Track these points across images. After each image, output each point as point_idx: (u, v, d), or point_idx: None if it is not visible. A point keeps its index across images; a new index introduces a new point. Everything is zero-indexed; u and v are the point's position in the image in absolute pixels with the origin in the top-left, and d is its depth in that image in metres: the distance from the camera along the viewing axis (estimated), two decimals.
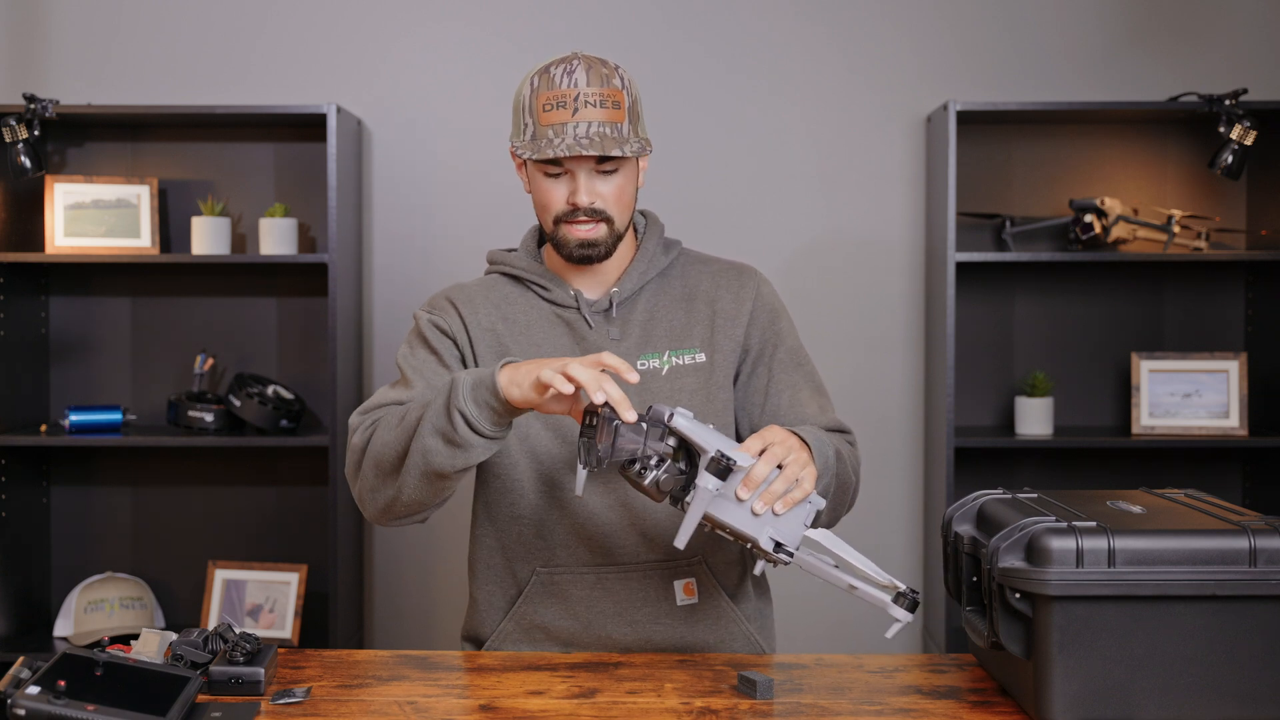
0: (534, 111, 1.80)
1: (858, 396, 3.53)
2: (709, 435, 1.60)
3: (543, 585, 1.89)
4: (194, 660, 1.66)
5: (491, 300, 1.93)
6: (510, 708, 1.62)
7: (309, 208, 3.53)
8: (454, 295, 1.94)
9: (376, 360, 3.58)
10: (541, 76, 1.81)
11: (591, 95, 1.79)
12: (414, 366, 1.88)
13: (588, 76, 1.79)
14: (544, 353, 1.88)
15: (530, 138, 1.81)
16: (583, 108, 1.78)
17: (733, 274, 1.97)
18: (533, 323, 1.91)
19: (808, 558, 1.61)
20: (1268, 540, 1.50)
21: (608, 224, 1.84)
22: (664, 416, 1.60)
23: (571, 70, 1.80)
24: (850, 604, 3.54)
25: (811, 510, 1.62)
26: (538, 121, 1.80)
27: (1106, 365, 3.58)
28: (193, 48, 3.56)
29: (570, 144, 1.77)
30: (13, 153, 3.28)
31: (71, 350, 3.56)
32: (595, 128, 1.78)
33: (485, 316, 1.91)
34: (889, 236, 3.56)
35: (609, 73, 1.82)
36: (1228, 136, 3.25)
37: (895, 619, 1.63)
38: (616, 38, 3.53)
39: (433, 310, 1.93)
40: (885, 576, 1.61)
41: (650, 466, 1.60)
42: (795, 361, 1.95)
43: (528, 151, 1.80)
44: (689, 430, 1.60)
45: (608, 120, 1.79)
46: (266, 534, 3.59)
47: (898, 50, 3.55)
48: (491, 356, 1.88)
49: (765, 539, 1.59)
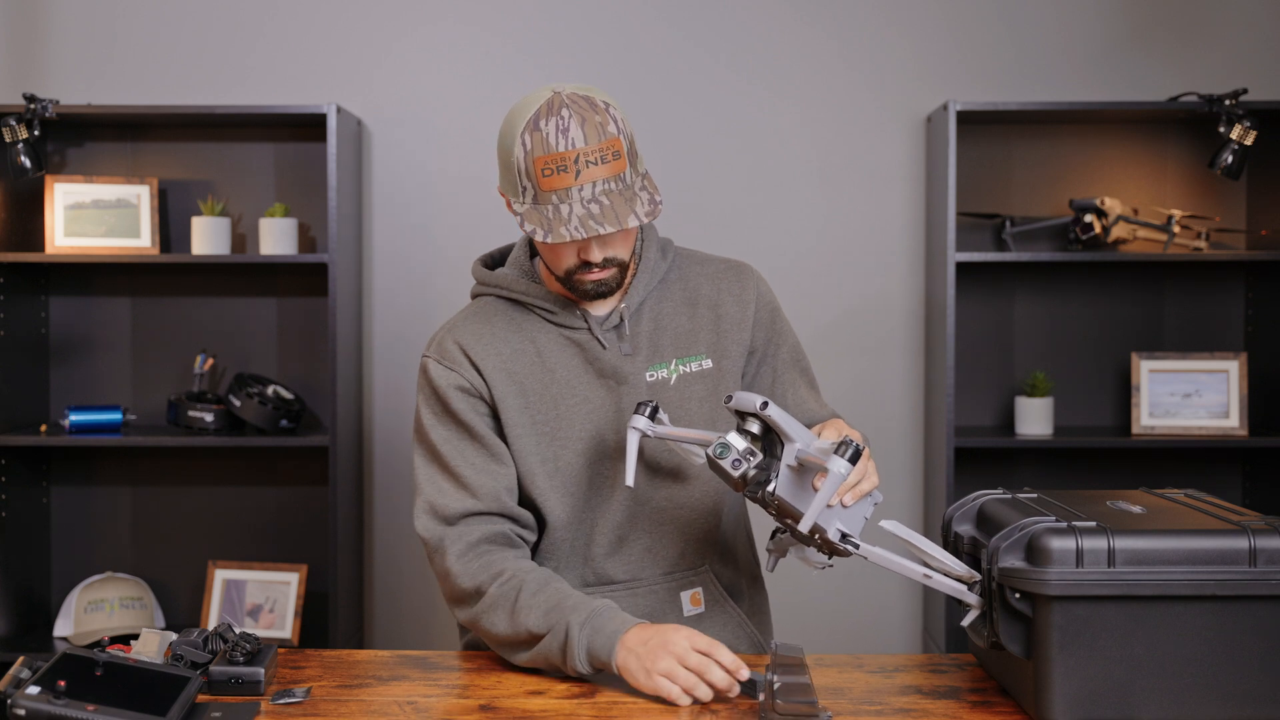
0: (532, 175, 1.72)
1: (858, 396, 3.53)
2: (797, 426, 1.64)
3: None
4: (194, 660, 1.66)
5: (497, 333, 1.88)
6: (510, 708, 1.62)
7: (309, 208, 3.53)
8: (460, 338, 1.87)
9: (376, 360, 3.58)
10: (533, 135, 1.71)
11: (591, 153, 1.71)
12: (451, 444, 1.85)
13: (584, 132, 1.70)
14: (558, 378, 1.85)
15: (533, 201, 1.73)
16: (585, 168, 1.71)
17: (731, 274, 1.96)
18: (544, 349, 1.87)
19: (875, 549, 1.62)
20: (1268, 540, 1.50)
21: (619, 266, 1.82)
22: (755, 405, 1.63)
23: (565, 126, 1.70)
24: (850, 604, 3.55)
25: (872, 504, 1.65)
26: (538, 186, 1.72)
27: (1106, 365, 3.58)
28: (193, 48, 3.56)
29: (581, 215, 1.70)
30: (13, 153, 3.28)
31: (71, 350, 3.56)
32: (600, 187, 1.72)
33: (496, 354, 1.86)
34: (889, 236, 3.56)
35: (602, 120, 1.72)
36: (1228, 136, 3.25)
37: (972, 606, 1.63)
38: (616, 38, 3.53)
39: (444, 360, 1.86)
40: (962, 566, 1.62)
41: (742, 456, 1.64)
42: (795, 359, 1.98)
43: (539, 230, 1.71)
44: (781, 421, 1.63)
45: (611, 175, 1.72)
46: (266, 534, 3.59)
47: (897, 50, 3.55)
48: (511, 395, 1.85)
49: (833, 530, 1.61)
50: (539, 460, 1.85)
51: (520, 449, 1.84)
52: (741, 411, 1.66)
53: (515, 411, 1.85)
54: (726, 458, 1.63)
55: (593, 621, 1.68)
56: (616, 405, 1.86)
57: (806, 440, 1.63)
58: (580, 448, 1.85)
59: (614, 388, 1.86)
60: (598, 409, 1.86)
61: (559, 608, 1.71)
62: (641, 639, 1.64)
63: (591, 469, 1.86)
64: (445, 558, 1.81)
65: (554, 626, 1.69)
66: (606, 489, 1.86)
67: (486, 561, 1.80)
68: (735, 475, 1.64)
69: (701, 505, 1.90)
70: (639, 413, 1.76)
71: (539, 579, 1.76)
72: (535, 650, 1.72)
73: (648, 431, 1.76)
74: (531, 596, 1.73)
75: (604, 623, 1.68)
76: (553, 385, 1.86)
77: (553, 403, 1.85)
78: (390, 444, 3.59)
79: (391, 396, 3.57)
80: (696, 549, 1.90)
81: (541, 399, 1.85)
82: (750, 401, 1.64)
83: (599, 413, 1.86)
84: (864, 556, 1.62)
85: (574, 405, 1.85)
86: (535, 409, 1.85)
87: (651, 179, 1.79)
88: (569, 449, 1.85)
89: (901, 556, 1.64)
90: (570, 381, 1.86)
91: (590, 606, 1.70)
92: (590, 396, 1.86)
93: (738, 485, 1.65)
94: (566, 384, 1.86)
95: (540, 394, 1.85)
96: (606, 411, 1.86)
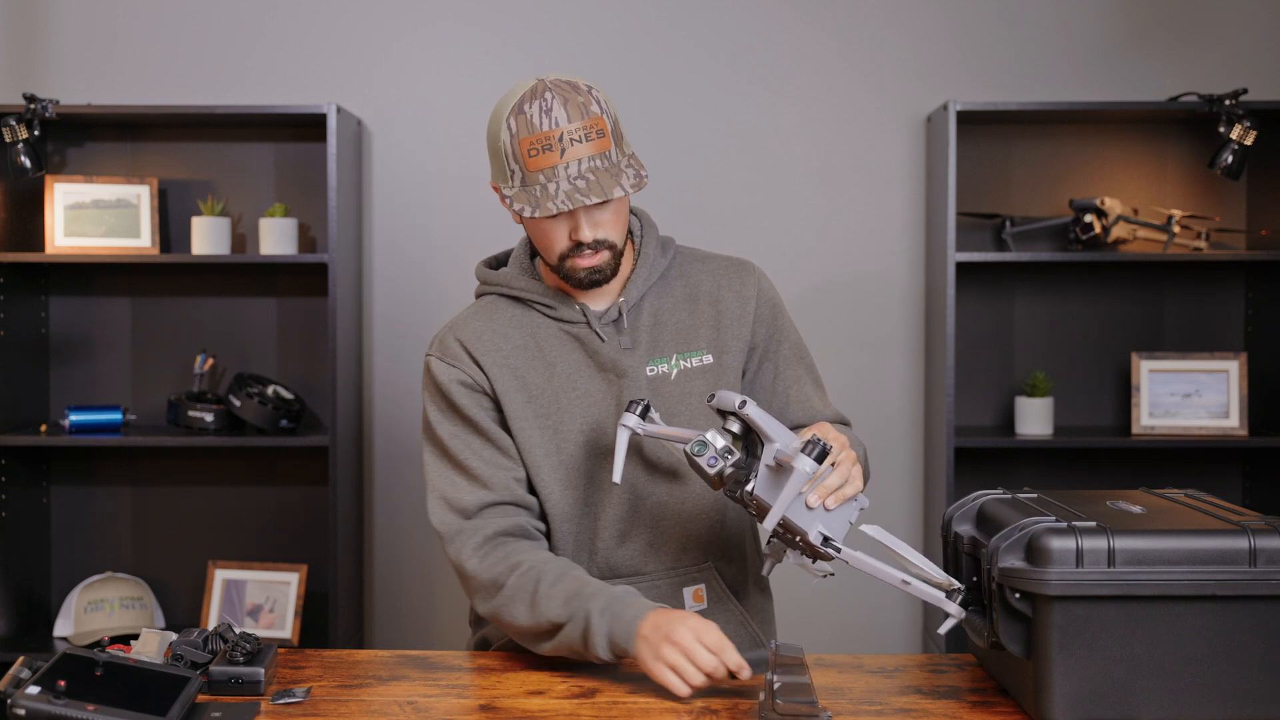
0: (518, 158, 1.77)
1: (858, 396, 3.53)
2: (777, 426, 1.64)
3: None
4: (194, 660, 1.66)
5: (498, 329, 1.90)
6: (510, 708, 1.62)
7: (309, 208, 3.53)
8: (461, 334, 1.90)
9: (376, 360, 3.58)
10: (518, 119, 1.77)
11: (575, 131, 1.76)
12: (459, 439, 1.87)
13: (566, 111, 1.75)
14: (559, 372, 1.87)
15: (521, 184, 1.78)
16: (569, 146, 1.75)
17: (733, 271, 1.97)
18: (543, 344, 1.89)
19: (856, 553, 1.62)
20: (1268, 540, 1.50)
21: (610, 249, 1.84)
22: (734, 404, 1.64)
23: (548, 107, 1.75)
24: (850, 604, 3.55)
25: (857, 509, 1.65)
26: (524, 167, 1.77)
27: (1106, 365, 3.58)
28: (193, 48, 3.56)
29: (568, 190, 1.75)
30: (13, 153, 3.28)
31: (71, 350, 3.56)
32: (586, 164, 1.76)
33: (497, 350, 1.89)
34: (889, 236, 3.56)
35: (585, 100, 1.77)
36: (1228, 136, 3.25)
37: (950, 614, 1.63)
38: (615, 38, 3.53)
39: (445, 356, 1.89)
40: (942, 574, 1.62)
41: (719, 455, 1.64)
42: (798, 355, 1.99)
43: (526, 207, 1.77)
44: (760, 420, 1.63)
45: (596, 153, 1.77)
46: (266, 534, 3.59)
47: (897, 50, 3.55)
48: (513, 389, 1.87)
49: (814, 533, 1.61)
50: (543, 453, 1.87)
51: (524, 442, 1.87)
52: (723, 410, 1.68)
53: (518, 405, 1.87)
54: (703, 455, 1.65)
55: (612, 608, 1.69)
56: (617, 398, 1.87)
57: (786, 440, 1.63)
58: (581, 440, 1.87)
59: (614, 381, 1.88)
60: (598, 402, 1.87)
61: (579, 595, 1.72)
62: (655, 625, 1.65)
63: (592, 461, 1.88)
64: (462, 551, 1.83)
65: (574, 615, 1.71)
66: (608, 482, 1.87)
67: (504, 554, 1.81)
68: (711, 473, 1.65)
69: (702, 503, 1.90)
70: (630, 411, 1.77)
71: (557, 569, 1.78)
72: (558, 640, 1.73)
73: (637, 430, 1.77)
74: (551, 586, 1.75)
75: (623, 609, 1.69)
76: (554, 379, 1.88)
77: (554, 396, 1.87)
78: (390, 444, 3.59)
79: (391, 396, 3.57)
80: (698, 546, 1.91)
81: (543, 393, 1.87)
82: (730, 400, 1.66)
83: (599, 406, 1.87)
84: (845, 561, 1.62)
85: (575, 399, 1.87)
86: (537, 402, 1.87)
87: (638, 159, 1.84)
88: (570, 441, 1.87)
89: (882, 562, 1.63)
90: (570, 375, 1.88)
91: (609, 594, 1.71)
92: (590, 390, 1.88)
93: (715, 483, 1.66)
94: (567, 378, 1.88)
95: (542, 388, 1.87)
96: (607, 404, 1.87)
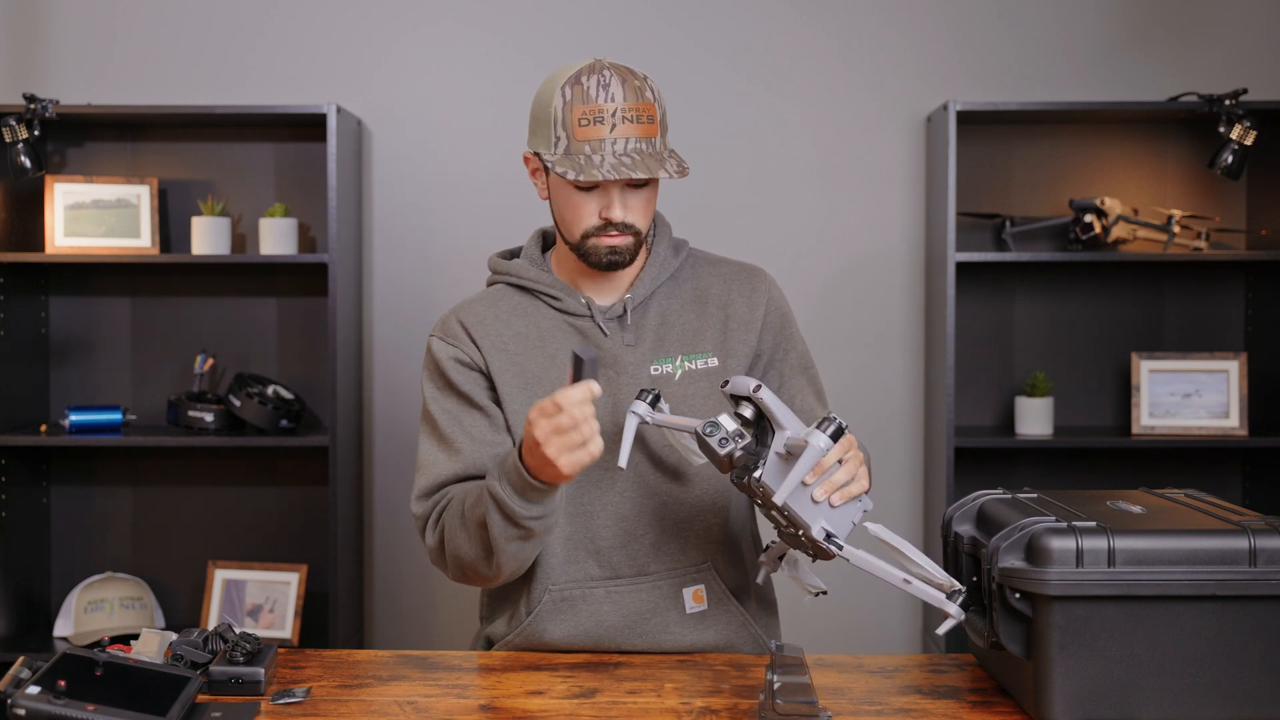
0: (568, 125, 1.78)
1: (858, 396, 3.53)
2: (789, 414, 1.65)
3: (554, 604, 1.88)
4: (194, 660, 1.66)
5: (501, 315, 1.92)
6: (510, 708, 1.62)
7: (309, 208, 3.53)
8: (464, 316, 1.92)
9: (376, 360, 3.58)
10: (574, 88, 1.79)
11: (628, 110, 1.78)
12: (451, 415, 1.89)
13: (623, 90, 1.78)
14: (559, 363, 1.88)
15: (564, 151, 1.79)
16: (620, 123, 1.77)
17: (744, 276, 1.98)
18: (545, 334, 1.90)
19: (859, 552, 1.62)
20: (1268, 540, 1.50)
21: (635, 235, 1.85)
22: (749, 389, 1.65)
23: (606, 83, 1.78)
24: (851, 604, 3.55)
25: (860, 510, 1.65)
26: (572, 135, 1.78)
27: (1106, 365, 3.58)
28: (193, 48, 3.56)
29: (613, 163, 1.77)
30: (13, 153, 3.28)
31: (71, 350, 3.56)
32: (632, 144, 1.78)
33: (497, 335, 1.90)
34: (889, 236, 3.56)
35: (640, 85, 1.80)
36: (1228, 136, 3.25)
37: (950, 615, 1.62)
38: (616, 38, 3.53)
39: (445, 335, 1.92)
40: (943, 575, 1.62)
41: (731, 437, 1.65)
42: (803, 366, 1.99)
43: (570, 171, 1.78)
44: (773, 405, 1.64)
45: (643, 135, 1.79)
46: (266, 534, 3.59)
47: (897, 50, 3.55)
48: (509, 374, 1.88)
49: (818, 528, 1.61)
50: None
51: (520, 430, 1.87)
52: (736, 396, 1.68)
53: (514, 390, 1.88)
54: (715, 436, 1.66)
55: (500, 469, 1.72)
56: (614, 394, 1.87)
57: (798, 429, 1.63)
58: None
59: (613, 378, 1.88)
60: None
61: (480, 487, 1.76)
62: (525, 448, 1.67)
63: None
64: (425, 534, 1.87)
65: (486, 504, 1.74)
66: (606, 478, 1.87)
67: (440, 509, 1.85)
68: (721, 454, 1.65)
69: (703, 503, 1.90)
70: (640, 398, 1.77)
71: (465, 486, 1.82)
72: (494, 534, 1.74)
73: (646, 418, 1.77)
74: (463, 501, 1.79)
75: (504, 463, 1.72)
76: (552, 369, 1.89)
77: (551, 386, 1.87)
78: (390, 444, 3.59)
79: (391, 396, 3.57)
80: (699, 546, 1.91)
81: (541, 382, 1.88)
82: (745, 385, 1.67)
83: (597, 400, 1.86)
84: (846, 559, 1.62)
85: None
86: (535, 391, 1.88)
87: (679, 155, 1.85)
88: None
89: (884, 561, 1.63)
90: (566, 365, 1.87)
91: (496, 466, 1.74)
92: None
93: (724, 465, 1.67)
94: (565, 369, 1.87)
95: (540, 377, 1.88)
96: (603, 399, 1.87)
